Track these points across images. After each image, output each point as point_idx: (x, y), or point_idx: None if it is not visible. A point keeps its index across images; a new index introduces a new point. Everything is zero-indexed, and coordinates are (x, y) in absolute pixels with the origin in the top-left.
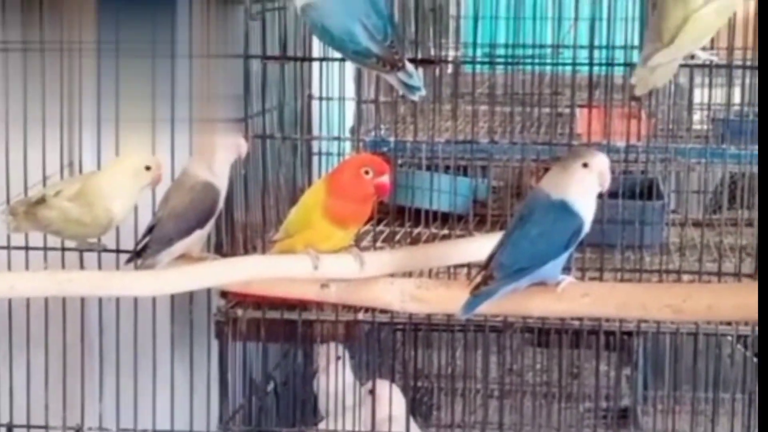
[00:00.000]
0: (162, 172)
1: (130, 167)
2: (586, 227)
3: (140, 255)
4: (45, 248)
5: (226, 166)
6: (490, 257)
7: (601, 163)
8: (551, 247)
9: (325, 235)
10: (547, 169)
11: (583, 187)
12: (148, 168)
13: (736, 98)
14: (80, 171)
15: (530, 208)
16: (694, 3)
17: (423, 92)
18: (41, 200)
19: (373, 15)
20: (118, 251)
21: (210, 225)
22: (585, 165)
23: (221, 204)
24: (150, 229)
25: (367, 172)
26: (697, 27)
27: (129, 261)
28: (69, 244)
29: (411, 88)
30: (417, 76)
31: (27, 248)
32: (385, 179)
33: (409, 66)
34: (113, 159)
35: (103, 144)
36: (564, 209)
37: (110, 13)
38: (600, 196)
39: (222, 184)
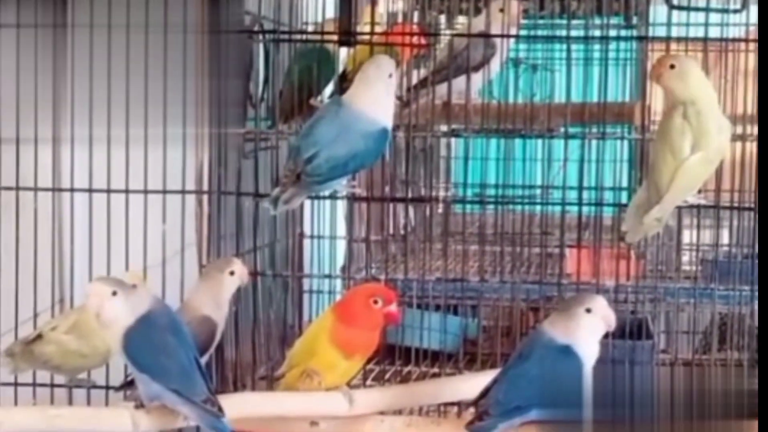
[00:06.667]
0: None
1: None
2: (587, 371)
3: (131, 385)
4: (34, 384)
5: (229, 297)
6: (484, 393)
7: (602, 306)
8: (550, 389)
9: (330, 363)
10: (534, 309)
11: (588, 332)
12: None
13: (725, 239)
14: (71, 306)
15: (531, 349)
16: (682, 153)
17: None
18: (38, 337)
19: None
20: (107, 387)
21: (206, 358)
22: (588, 310)
23: (218, 337)
24: None
25: (376, 302)
26: (686, 177)
27: (120, 389)
28: (58, 379)
29: None
30: None
31: (16, 384)
32: (394, 308)
33: None
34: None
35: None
36: (568, 354)
37: None
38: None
39: (222, 317)
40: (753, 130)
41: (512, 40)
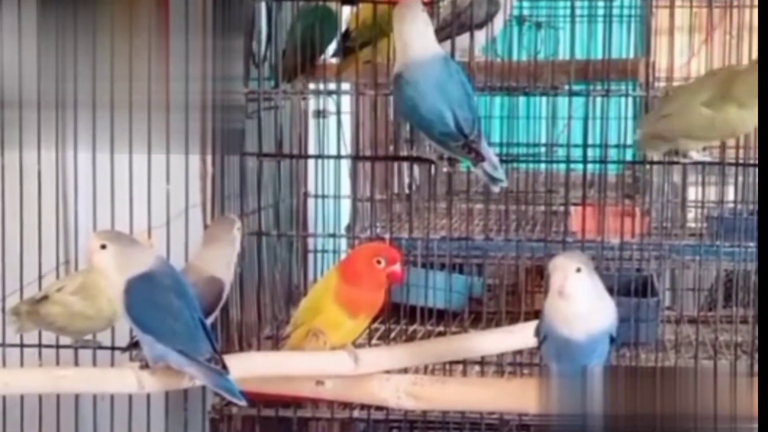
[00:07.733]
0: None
1: None
2: None
3: (137, 346)
4: (39, 345)
5: (235, 256)
6: None
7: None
8: None
9: (335, 322)
10: (539, 267)
11: None
12: None
13: (730, 196)
14: (76, 268)
15: None
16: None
17: (505, 184)
18: (44, 297)
19: (466, 108)
20: (113, 348)
21: (212, 319)
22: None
23: (225, 297)
24: None
25: (379, 261)
26: (697, 117)
27: (125, 350)
28: (64, 340)
29: (495, 180)
30: (501, 169)
31: (22, 345)
32: (398, 267)
33: (494, 158)
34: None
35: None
36: None
37: None
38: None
39: (228, 276)
40: None
41: None
